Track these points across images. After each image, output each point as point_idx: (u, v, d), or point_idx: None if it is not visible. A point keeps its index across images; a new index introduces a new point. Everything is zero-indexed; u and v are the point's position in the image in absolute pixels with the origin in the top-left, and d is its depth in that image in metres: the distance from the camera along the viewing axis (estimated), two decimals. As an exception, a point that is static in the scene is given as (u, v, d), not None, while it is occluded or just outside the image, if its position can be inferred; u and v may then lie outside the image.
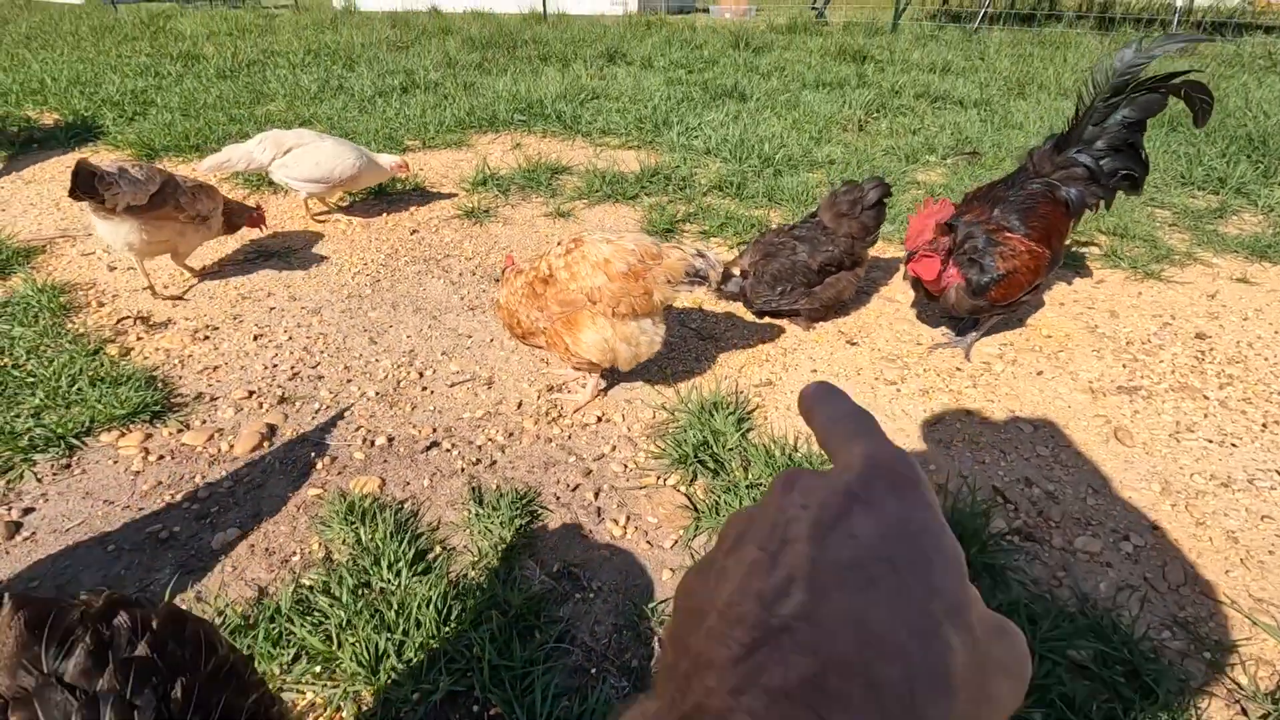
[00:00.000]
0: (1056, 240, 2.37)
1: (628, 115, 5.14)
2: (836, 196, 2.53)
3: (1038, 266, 2.30)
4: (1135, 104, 2.30)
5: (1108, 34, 8.96)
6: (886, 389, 2.36)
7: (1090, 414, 2.22)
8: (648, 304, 1.96)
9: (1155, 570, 1.68)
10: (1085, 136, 2.39)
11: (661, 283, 1.93)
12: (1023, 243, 2.28)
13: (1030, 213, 2.34)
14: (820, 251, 2.48)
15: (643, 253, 1.93)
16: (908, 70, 7.00)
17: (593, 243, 1.97)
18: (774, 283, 2.49)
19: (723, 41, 8.60)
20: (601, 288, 1.93)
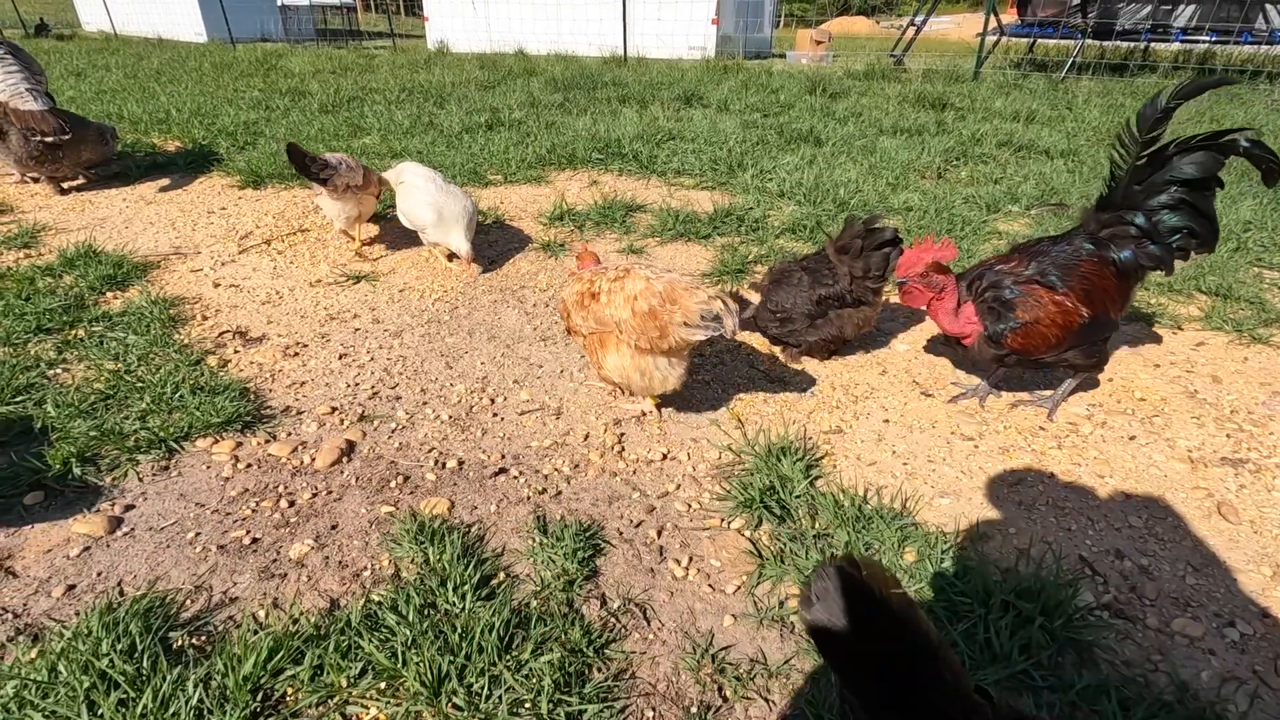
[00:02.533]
0: (1103, 302, 2.21)
1: (702, 156, 5.22)
2: (843, 233, 2.54)
3: (1068, 323, 2.17)
4: (1187, 162, 2.17)
5: (1207, 85, 8.56)
6: (963, 444, 2.27)
7: (1190, 486, 2.07)
8: (663, 343, 2.03)
9: (1266, 663, 1.53)
10: (1132, 196, 2.23)
11: (677, 324, 1.99)
12: (1052, 297, 2.18)
13: (1070, 270, 2.21)
14: (820, 285, 2.51)
15: (665, 295, 1.99)
16: (989, 118, 6.88)
17: (635, 277, 2.07)
18: (777, 310, 2.53)
19: (799, 86, 8.67)
20: (625, 321, 2.05)
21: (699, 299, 1.97)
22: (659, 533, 1.89)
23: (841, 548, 1.80)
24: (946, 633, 1.54)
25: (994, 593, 1.63)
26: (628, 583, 1.73)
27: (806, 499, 1.98)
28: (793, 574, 1.73)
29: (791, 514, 1.93)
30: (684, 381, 2.22)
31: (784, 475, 2.05)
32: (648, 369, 2.13)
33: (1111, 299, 2.23)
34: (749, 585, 1.72)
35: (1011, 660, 1.48)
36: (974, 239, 3.84)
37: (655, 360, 2.12)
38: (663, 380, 2.16)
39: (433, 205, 3.32)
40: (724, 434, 2.31)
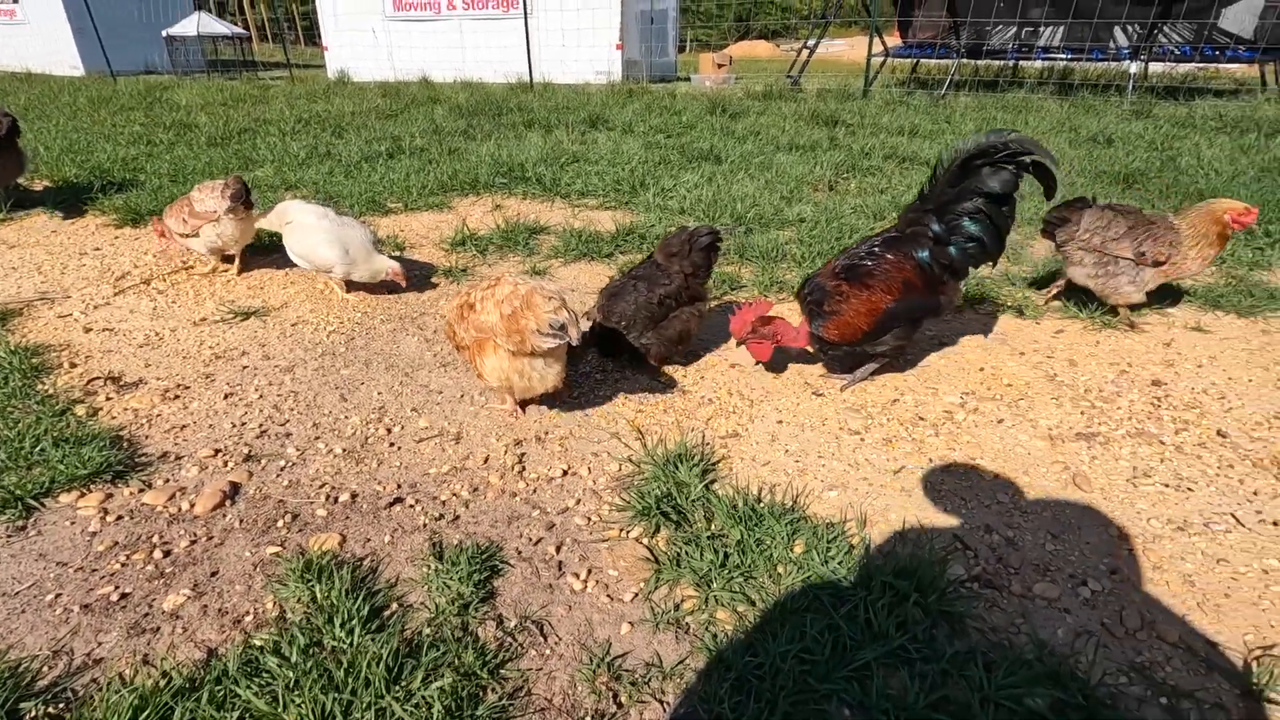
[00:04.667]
0: (909, 290, 2.47)
1: (606, 178, 5.31)
2: (670, 239, 2.73)
3: (871, 311, 2.44)
4: (981, 177, 2.41)
5: (1067, 99, 9.42)
6: (850, 438, 2.39)
7: (1049, 461, 2.25)
8: (525, 347, 2.16)
9: (1113, 615, 1.68)
10: (935, 201, 2.50)
11: (532, 330, 2.12)
12: (852, 289, 2.46)
13: (869, 263, 2.50)
14: (658, 287, 2.63)
15: (525, 301, 2.13)
16: (877, 133, 7.31)
17: (504, 284, 2.21)
18: (621, 321, 2.62)
19: (701, 108, 8.96)
20: (494, 325, 2.18)
21: (548, 308, 2.10)
22: (558, 548, 1.90)
23: (734, 547, 1.85)
24: (830, 618, 1.61)
25: (874, 575, 1.72)
26: (526, 601, 1.73)
27: (703, 503, 2.03)
28: (688, 576, 1.77)
29: (688, 518, 1.97)
30: (563, 379, 2.36)
31: (681, 481, 2.10)
32: (525, 370, 2.24)
33: (917, 288, 2.48)
34: (646, 591, 1.75)
35: (889, 637, 1.57)
36: (861, 246, 4.05)
37: (532, 361, 2.23)
38: (541, 379, 2.29)
39: (337, 241, 3.24)
40: (625, 446, 2.35)
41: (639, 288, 2.62)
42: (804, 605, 1.66)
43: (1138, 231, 2.96)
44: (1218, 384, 2.68)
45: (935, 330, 3.12)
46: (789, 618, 1.63)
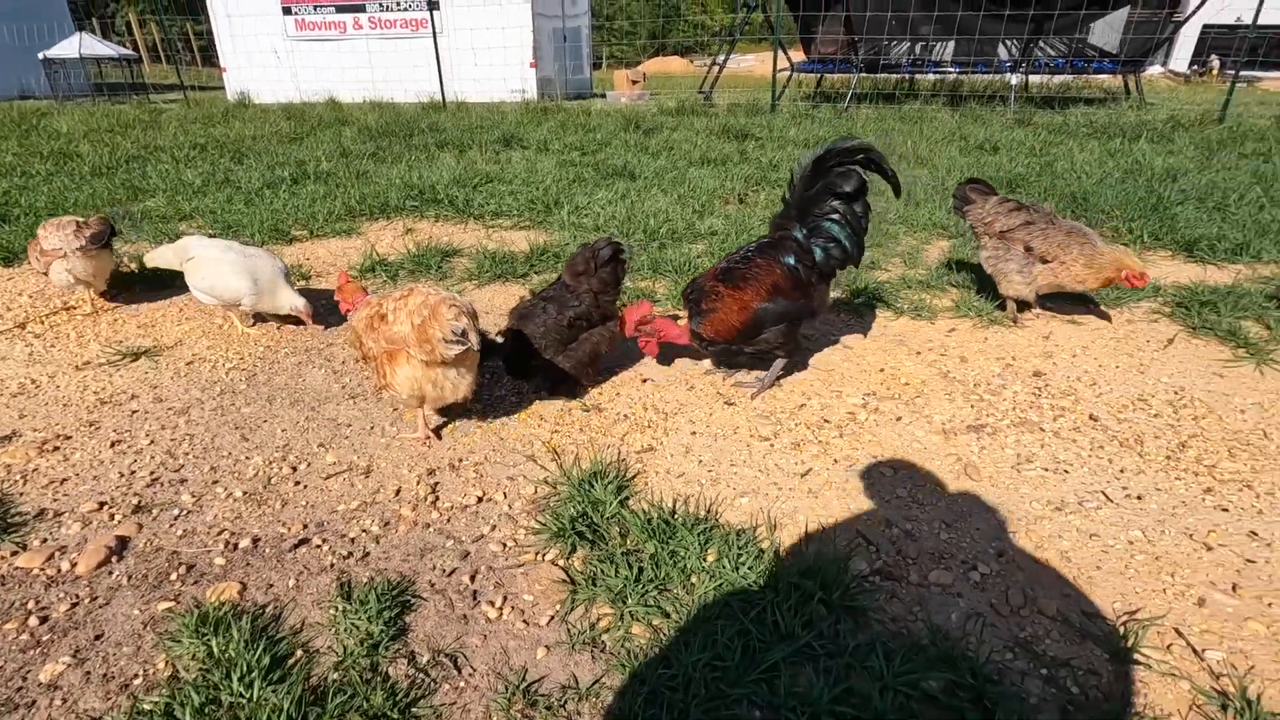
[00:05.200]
0: (779, 293, 2.62)
1: (520, 198, 5.31)
2: (575, 258, 2.73)
3: (743, 309, 2.61)
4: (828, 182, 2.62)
5: (957, 109, 10.05)
6: (761, 445, 2.47)
7: (943, 453, 2.40)
8: (434, 355, 2.17)
9: (999, 596, 1.80)
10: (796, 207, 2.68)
11: (437, 339, 2.14)
12: (727, 289, 2.63)
13: (739, 266, 2.68)
14: (568, 308, 2.63)
15: (433, 310, 2.15)
16: (785, 146, 7.60)
17: (416, 295, 2.22)
18: (531, 343, 2.60)
19: (615, 124, 9.08)
20: (406, 335, 2.18)
21: (450, 316, 2.13)
22: (473, 577, 1.88)
23: (649, 561, 1.88)
24: (740, 623, 1.66)
25: (782, 577, 1.79)
26: (439, 634, 1.70)
27: (618, 519, 2.05)
28: (604, 594, 1.78)
29: (604, 536, 1.99)
30: (474, 390, 2.37)
31: (597, 500, 2.11)
32: (438, 379, 2.26)
33: (785, 290, 2.63)
34: (562, 613, 1.75)
35: (796, 636, 1.63)
36: (770, 256, 4.20)
37: (445, 371, 2.25)
38: (453, 389, 2.30)
39: (246, 272, 3.11)
40: (541, 468, 2.35)
41: (548, 309, 2.62)
42: (716, 613, 1.71)
43: (1034, 228, 3.18)
44: (1090, 372, 2.92)
45: (839, 334, 3.26)
46: (701, 626, 1.67)
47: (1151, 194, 5.22)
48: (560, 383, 2.73)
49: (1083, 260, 3.08)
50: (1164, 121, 8.75)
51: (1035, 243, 3.15)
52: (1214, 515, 2.09)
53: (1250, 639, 1.67)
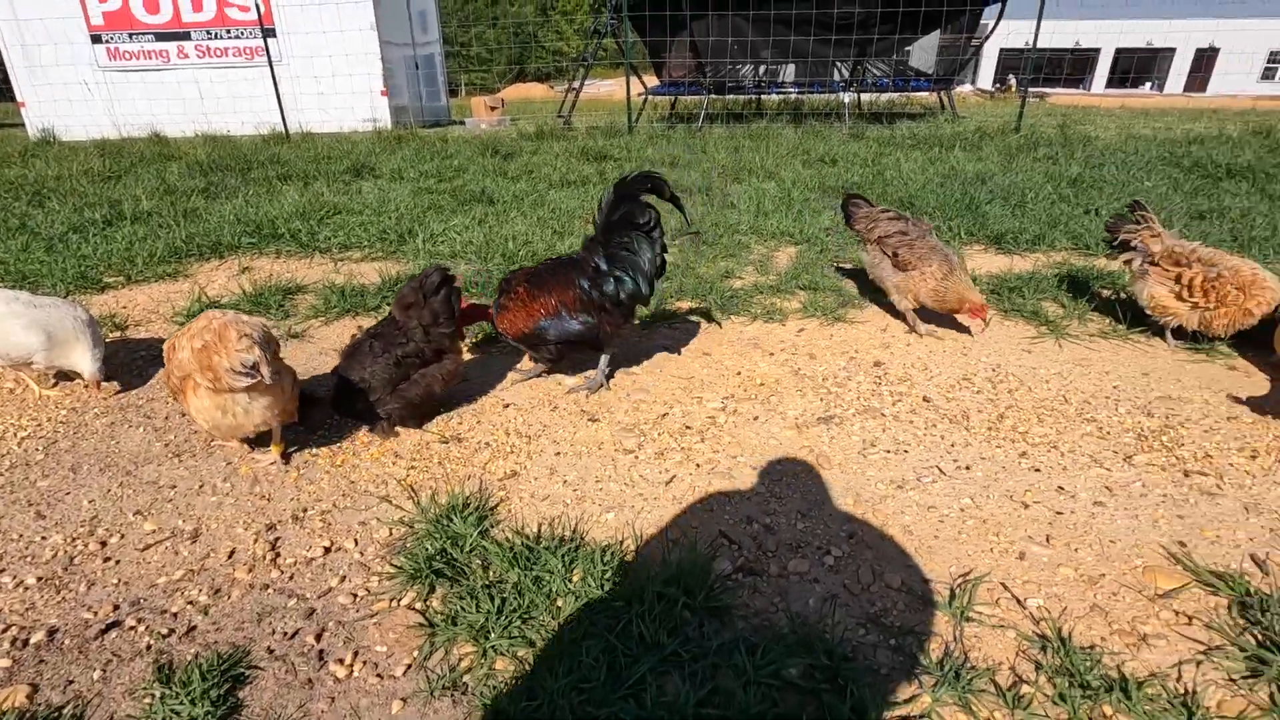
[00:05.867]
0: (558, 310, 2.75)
1: (371, 228, 5.07)
2: (403, 290, 2.58)
3: (529, 312, 2.76)
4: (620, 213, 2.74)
5: (800, 126, 10.78)
6: (625, 458, 2.47)
7: (798, 446, 2.51)
8: (220, 383, 2.09)
9: (851, 576, 1.89)
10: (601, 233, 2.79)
11: (224, 370, 2.05)
12: (526, 293, 2.78)
13: (547, 274, 2.83)
14: (395, 346, 2.49)
15: (218, 335, 2.06)
16: (642, 165, 7.79)
17: (204, 318, 2.16)
18: (358, 384, 2.46)
19: (474, 150, 8.95)
20: (187, 362, 2.11)
21: (240, 347, 2.03)
22: (319, 636, 1.72)
23: (512, 590, 1.81)
24: (606, 640, 1.63)
25: (647, 588, 1.78)
26: (279, 705, 1.54)
27: (479, 552, 1.97)
28: (465, 633, 1.69)
29: (465, 571, 1.90)
30: (283, 412, 2.29)
31: (457, 534, 2.02)
32: (227, 406, 2.16)
33: (573, 311, 2.75)
34: (420, 660, 1.65)
35: (662, 645, 1.62)
36: (630, 272, 4.26)
37: (234, 398, 2.15)
38: (247, 415, 2.20)
39: (36, 325, 2.69)
40: (396, 508, 2.21)
41: (374, 348, 2.48)
42: (582, 634, 1.67)
43: (905, 238, 3.33)
44: (922, 358, 3.18)
45: (699, 342, 3.36)
46: (567, 650, 1.62)
47: (965, 195, 5.83)
48: (405, 418, 2.60)
49: (934, 280, 3.21)
50: (973, 132, 9.84)
51: (901, 251, 3.35)
52: (1029, 476, 2.32)
53: (1062, 583, 1.85)
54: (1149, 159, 7.71)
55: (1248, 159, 7.53)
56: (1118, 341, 3.35)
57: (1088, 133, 10.17)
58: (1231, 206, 5.49)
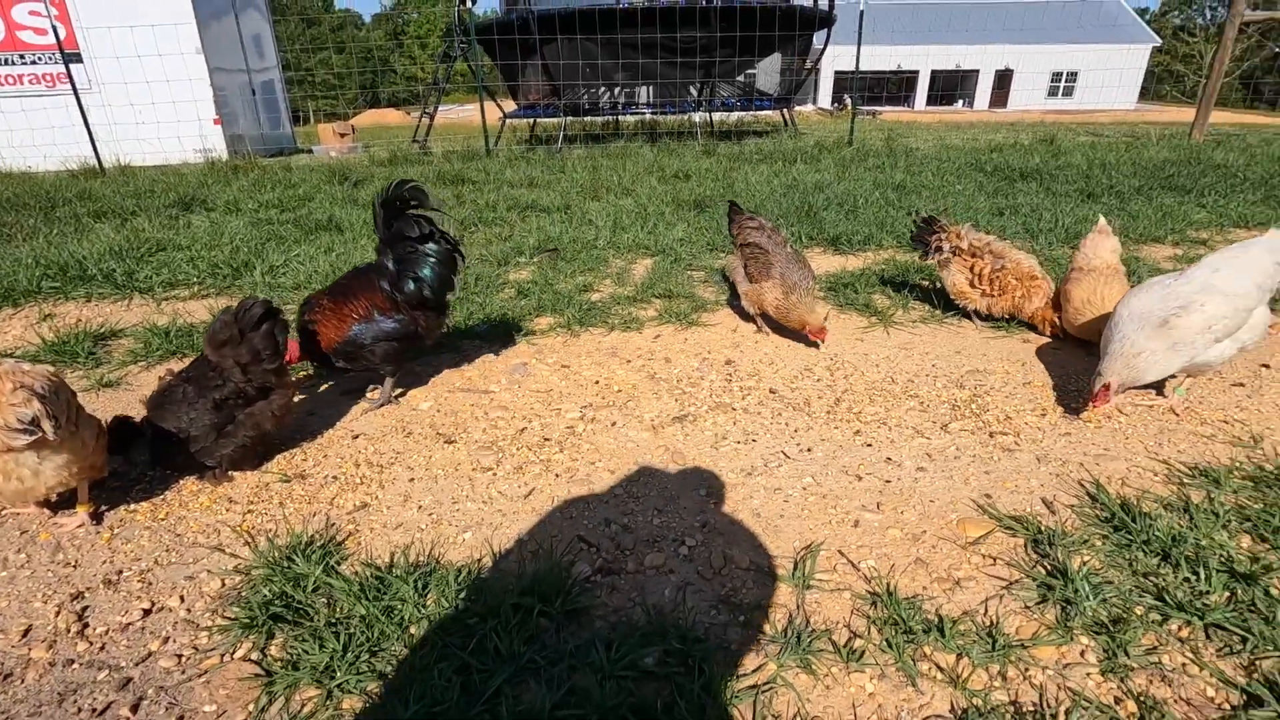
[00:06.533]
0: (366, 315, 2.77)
1: (200, 264, 4.68)
2: (215, 325, 2.32)
3: (340, 319, 2.76)
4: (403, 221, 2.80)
5: (655, 144, 11.15)
6: (483, 476, 2.43)
7: (654, 447, 2.58)
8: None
9: (704, 563, 1.96)
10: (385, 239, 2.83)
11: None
12: (330, 305, 2.78)
13: (347, 283, 2.87)
14: (211, 390, 2.27)
15: None
16: (501, 187, 7.75)
17: None
18: (173, 434, 2.24)
19: (320, 178, 8.51)
20: None
21: (16, 400, 1.83)
22: (135, 707, 1.55)
23: (360, 624, 1.73)
24: (460, 660, 1.60)
25: (503, 600, 1.76)
26: (85, 790, 1.37)
27: (325, 590, 1.86)
28: (307, 676, 1.59)
29: (308, 612, 1.79)
30: (73, 475, 2.04)
31: (299, 574, 1.90)
32: (9, 469, 1.91)
33: (386, 311, 2.80)
34: (255, 713, 1.53)
35: (518, 655, 1.60)
36: (489, 291, 4.22)
37: (18, 458, 1.91)
38: (36, 477, 1.96)
39: None
40: (231, 556, 2.04)
41: (188, 394, 2.26)
42: (435, 657, 1.62)
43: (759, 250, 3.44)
44: (769, 353, 3.38)
45: (559, 356, 3.37)
46: (419, 676, 1.56)
47: (805, 203, 6.28)
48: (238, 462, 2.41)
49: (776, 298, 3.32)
50: (813, 147, 10.62)
51: (750, 264, 3.50)
52: (862, 451, 2.52)
53: (891, 543, 2.03)
54: (959, 165, 8.67)
55: (1036, 163, 8.67)
56: (935, 325, 3.73)
57: (909, 144, 11.28)
58: (1024, 204, 6.29)
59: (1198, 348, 2.52)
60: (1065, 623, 1.70)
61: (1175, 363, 2.55)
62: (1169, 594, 1.75)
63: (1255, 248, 2.58)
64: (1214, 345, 2.54)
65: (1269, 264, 2.51)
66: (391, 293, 2.81)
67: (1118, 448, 2.50)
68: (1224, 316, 2.49)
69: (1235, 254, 2.59)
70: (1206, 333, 2.49)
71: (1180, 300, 2.53)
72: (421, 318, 2.87)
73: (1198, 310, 2.49)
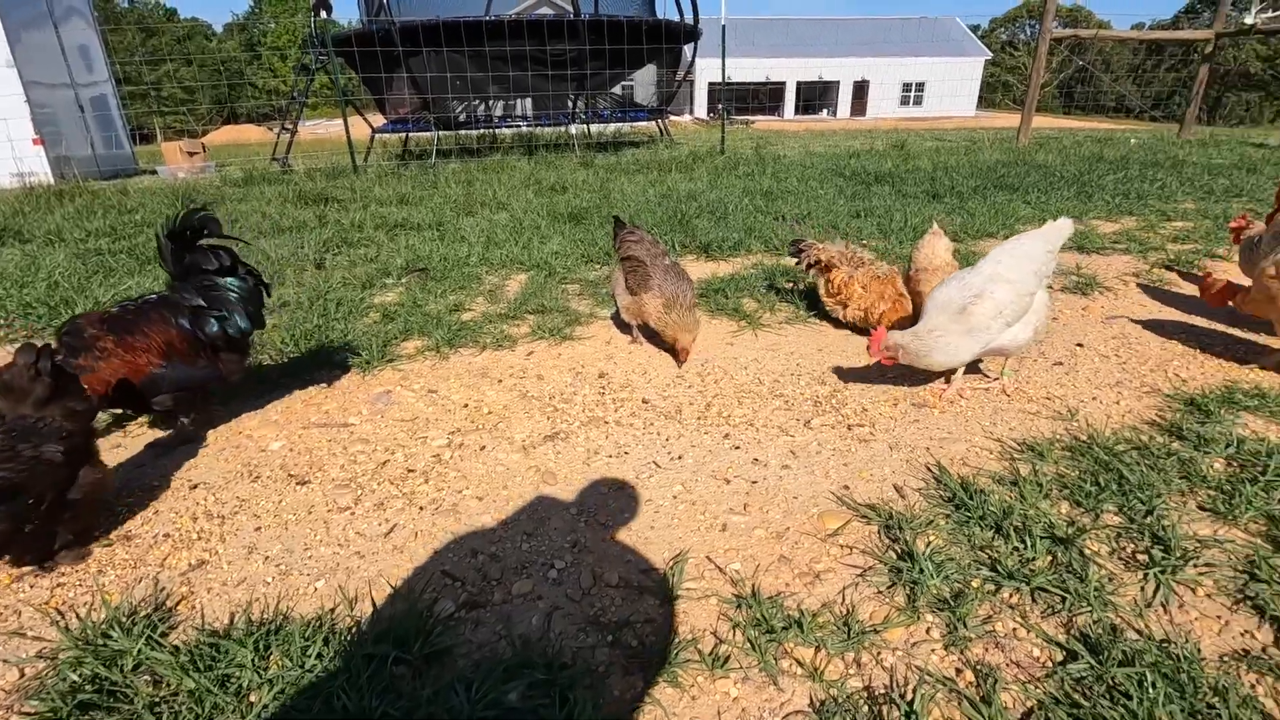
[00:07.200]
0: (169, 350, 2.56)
1: (9, 303, 4.13)
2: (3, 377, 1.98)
3: (135, 361, 2.48)
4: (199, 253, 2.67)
5: (532, 157, 11.07)
6: (340, 517, 2.27)
7: (525, 469, 2.51)
8: None
9: (573, 585, 1.92)
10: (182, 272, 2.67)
11: None
12: (118, 342, 2.47)
13: (131, 318, 2.55)
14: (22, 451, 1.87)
15: None
16: (369, 205, 7.41)
17: None
18: None
19: (163, 203, 7.80)
20: None
21: None
22: (-103, 838, 1.31)
23: (187, 700, 1.55)
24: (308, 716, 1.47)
25: (354, 652, 1.64)
26: None
27: (148, 665, 1.66)
28: (122, 768, 1.41)
29: (124, 694, 1.59)
30: None
31: (117, 651, 1.68)
32: None
33: (184, 355, 2.61)
34: (55, 822, 1.33)
35: (368, 711, 1.50)
36: (352, 317, 4.00)
37: None
38: None
39: None
40: (33, 640, 1.79)
41: None
42: (276, 726, 1.48)
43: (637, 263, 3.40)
44: (642, 363, 3.40)
45: (425, 381, 3.23)
46: (256, 750, 1.42)
47: (678, 212, 6.42)
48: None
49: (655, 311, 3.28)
50: (687, 156, 10.92)
51: (628, 277, 3.47)
52: (731, 454, 2.57)
53: (757, 543, 2.08)
54: (822, 171, 9.19)
55: (889, 167, 9.34)
56: (800, 325, 3.90)
57: (777, 152, 11.85)
58: (878, 206, 6.75)
59: (992, 332, 2.76)
60: (913, 603, 1.79)
61: (973, 347, 2.78)
62: (1001, 564, 1.89)
63: (1029, 239, 2.84)
64: (1007, 330, 2.79)
65: (1041, 253, 2.78)
66: (192, 332, 2.60)
67: (959, 430, 2.70)
68: (1010, 302, 2.75)
69: (1013, 246, 2.85)
70: (998, 318, 2.74)
71: (974, 290, 2.76)
72: (225, 359, 2.70)
73: (989, 298, 2.73)
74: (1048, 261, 2.79)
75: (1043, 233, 2.82)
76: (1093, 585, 1.80)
